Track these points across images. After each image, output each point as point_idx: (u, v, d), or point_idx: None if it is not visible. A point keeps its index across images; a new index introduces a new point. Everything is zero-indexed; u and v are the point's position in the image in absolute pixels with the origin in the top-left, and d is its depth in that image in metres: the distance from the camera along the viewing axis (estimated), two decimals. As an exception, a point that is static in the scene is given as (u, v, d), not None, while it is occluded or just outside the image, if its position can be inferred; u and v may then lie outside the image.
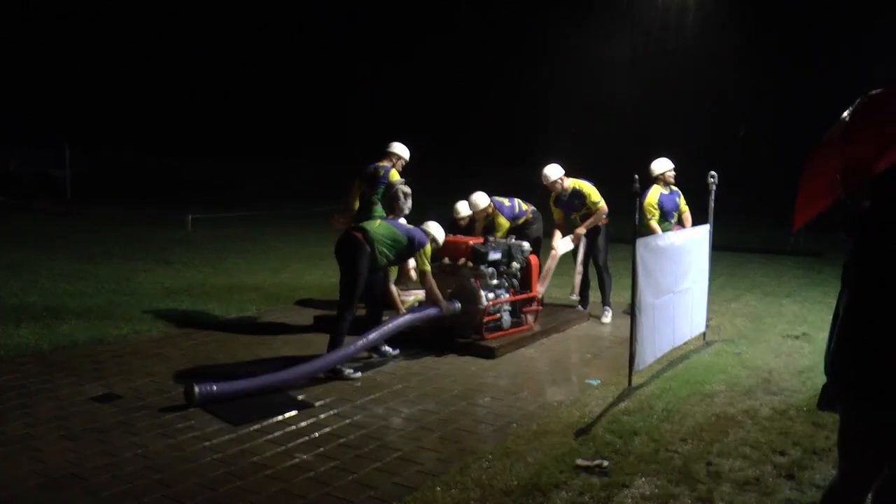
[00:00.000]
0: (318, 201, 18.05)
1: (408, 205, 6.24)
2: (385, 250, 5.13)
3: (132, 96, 36.07)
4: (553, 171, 6.82)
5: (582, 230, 6.81)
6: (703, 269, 5.99)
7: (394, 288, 5.85)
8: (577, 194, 6.80)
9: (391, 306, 5.64)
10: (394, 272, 6.27)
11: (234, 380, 4.48)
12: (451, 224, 6.96)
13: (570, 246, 6.88)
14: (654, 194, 6.72)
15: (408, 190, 6.20)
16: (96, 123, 32.72)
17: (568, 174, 6.91)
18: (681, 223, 6.87)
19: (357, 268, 4.99)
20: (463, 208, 7.05)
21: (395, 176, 6.27)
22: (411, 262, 6.54)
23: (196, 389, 4.26)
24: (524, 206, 7.01)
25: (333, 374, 4.94)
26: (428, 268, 5.28)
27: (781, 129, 23.81)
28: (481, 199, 6.85)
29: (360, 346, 5.00)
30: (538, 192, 7.18)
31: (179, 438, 3.88)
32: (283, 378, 4.63)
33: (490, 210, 6.80)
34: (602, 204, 6.74)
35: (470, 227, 7.01)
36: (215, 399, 4.31)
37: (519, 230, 6.83)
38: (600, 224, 6.88)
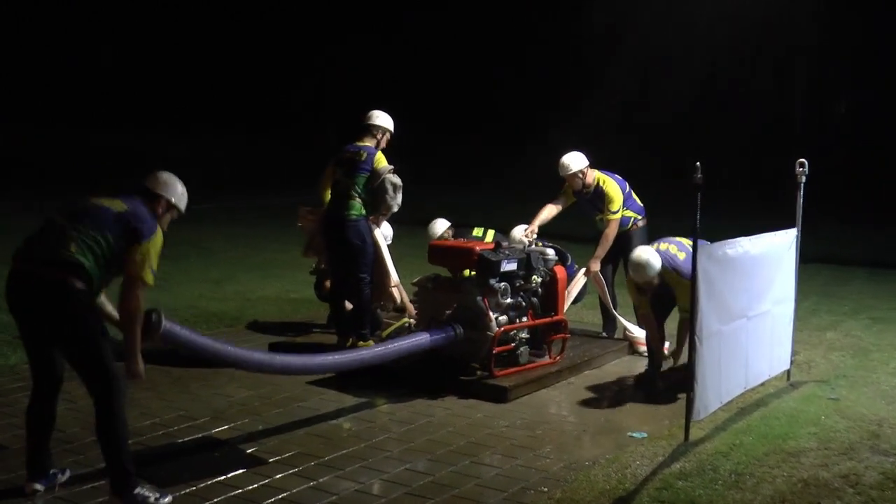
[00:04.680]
0: (277, 191, 18.10)
1: (397, 200, 6.30)
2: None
3: (28, 55, 36.10)
4: (574, 161, 6.89)
5: (595, 265, 6.86)
6: (787, 286, 6.01)
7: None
8: (601, 194, 6.88)
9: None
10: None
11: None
12: None
13: (581, 283, 6.93)
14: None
15: (398, 181, 6.26)
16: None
17: (593, 165, 6.97)
18: None
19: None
20: (436, 228, 7.11)
21: (381, 162, 6.28)
22: (394, 278, 6.60)
23: (163, 323, 4.12)
24: None
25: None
26: (149, 278, 3.96)
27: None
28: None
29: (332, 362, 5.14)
30: (554, 185, 7.23)
31: (86, 504, 3.92)
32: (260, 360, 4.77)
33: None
34: (618, 216, 6.82)
35: None
36: (178, 344, 4.29)
37: None
38: (634, 229, 6.95)
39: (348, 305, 6.43)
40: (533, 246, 6.42)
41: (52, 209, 4.11)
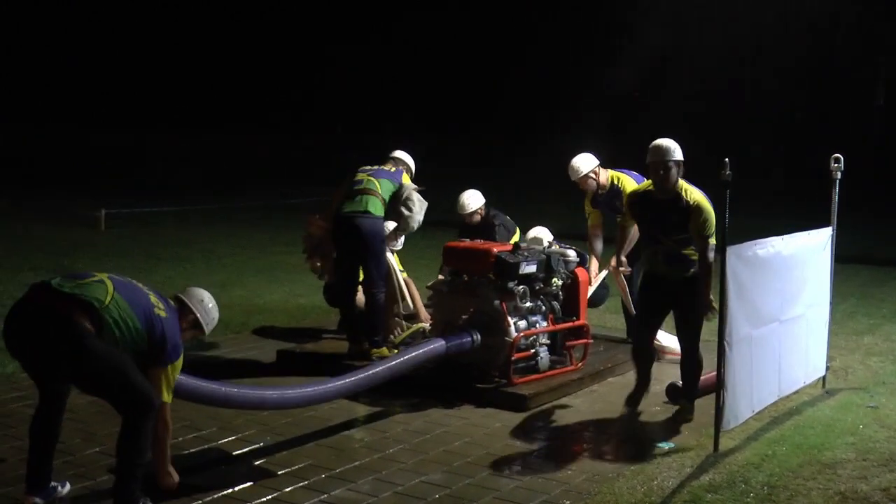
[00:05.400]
0: (284, 191, 18.15)
1: (419, 217, 6.35)
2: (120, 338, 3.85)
3: (26, 52, 36.48)
4: (584, 163, 6.83)
5: (620, 263, 6.80)
6: (822, 288, 5.97)
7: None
8: (617, 193, 6.78)
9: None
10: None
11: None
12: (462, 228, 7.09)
13: (597, 284, 6.89)
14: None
15: (424, 201, 6.31)
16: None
17: (604, 164, 6.93)
18: None
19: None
20: (472, 201, 7.06)
21: (408, 180, 6.47)
22: (401, 307, 6.62)
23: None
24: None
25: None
26: (168, 398, 4.01)
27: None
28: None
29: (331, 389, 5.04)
30: (566, 188, 7.18)
31: (88, 519, 3.93)
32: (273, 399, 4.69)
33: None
34: None
35: (483, 226, 7.04)
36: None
37: None
38: None
39: (360, 300, 6.42)
40: (552, 247, 6.39)
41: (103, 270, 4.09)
